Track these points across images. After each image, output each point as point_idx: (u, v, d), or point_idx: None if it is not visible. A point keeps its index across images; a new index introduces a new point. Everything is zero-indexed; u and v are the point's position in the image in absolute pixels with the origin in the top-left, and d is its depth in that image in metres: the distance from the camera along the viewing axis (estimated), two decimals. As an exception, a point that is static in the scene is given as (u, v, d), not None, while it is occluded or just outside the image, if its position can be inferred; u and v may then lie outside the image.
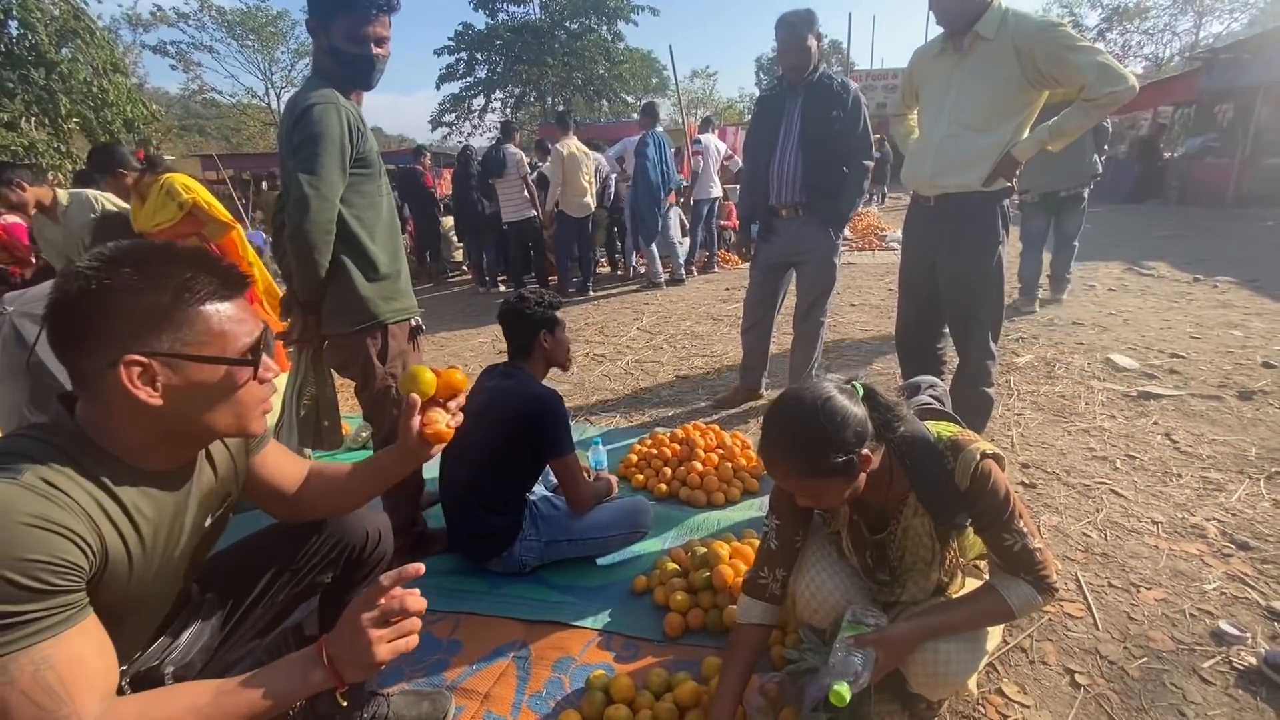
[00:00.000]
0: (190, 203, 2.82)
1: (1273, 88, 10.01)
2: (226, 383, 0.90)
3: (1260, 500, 2.16)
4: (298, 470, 1.26)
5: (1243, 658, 1.53)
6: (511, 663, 1.68)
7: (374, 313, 1.84)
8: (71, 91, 11.25)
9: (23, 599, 0.74)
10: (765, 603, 1.38)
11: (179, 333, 0.85)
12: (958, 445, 1.19)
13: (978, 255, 2.26)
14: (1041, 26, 2.06)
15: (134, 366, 0.83)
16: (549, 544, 1.98)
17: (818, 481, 1.13)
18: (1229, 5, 23.08)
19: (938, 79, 2.27)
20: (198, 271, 0.88)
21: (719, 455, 2.55)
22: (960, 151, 2.19)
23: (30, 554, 0.75)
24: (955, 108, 2.20)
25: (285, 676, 0.87)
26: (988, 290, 2.29)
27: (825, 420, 1.10)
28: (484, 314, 6.18)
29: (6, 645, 0.73)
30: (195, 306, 0.87)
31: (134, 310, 0.83)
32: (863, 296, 5.59)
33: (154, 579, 0.96)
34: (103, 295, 0.81)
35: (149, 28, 26.16)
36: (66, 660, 0.76)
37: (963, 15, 2.10)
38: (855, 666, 1.17)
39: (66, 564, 0.78)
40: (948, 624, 1.24)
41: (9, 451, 0.82)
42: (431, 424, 1.14)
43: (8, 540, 0.74)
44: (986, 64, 2.12)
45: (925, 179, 2.30)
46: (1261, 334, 3.87)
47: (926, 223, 2.39)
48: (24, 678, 0.73)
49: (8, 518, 0.75)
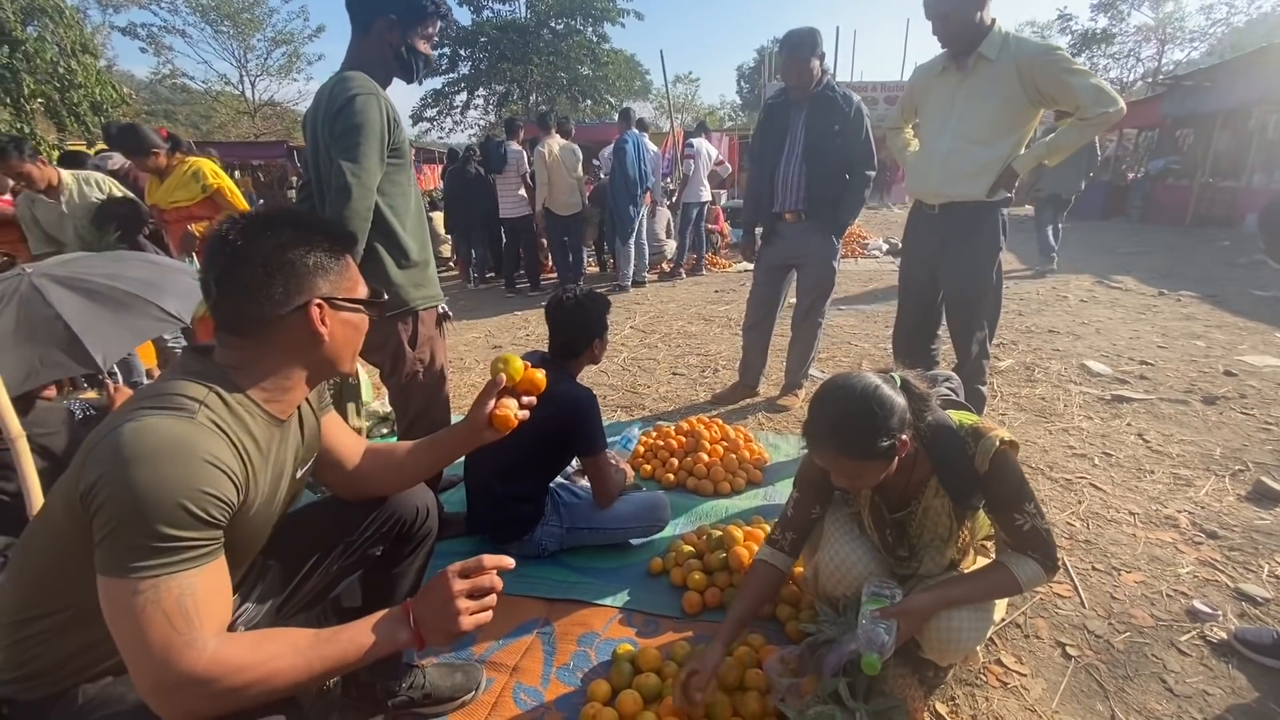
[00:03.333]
0: (214, 188, 2.83)
1: (1230, 115, 10.54)
2: (361, 321, 1.08)
3: (1225, 495, 2.34)
4: (355, 443, 1.32)
5: (1215, 632, 1.68)
6: (537, 638, 1.75)
7: (405, 299, 1.89)
8: (36, 71, 10.91)
9: (190, 526, 0.82)
10: (779, 551, 1.54)
11: (339, 281, 1.03)
12: (979, 432, 1.31)
13: (981, 260, 2.40)
14: (1042, 49, 2.20)
15: (315, 310, 0.98)
16: (570, 530, 2.04)
17: (862, 463, 1.23)
18: (1189, 35, 24.13)
19: (940, 95, 2.40)
20: (324, 233, 1.02)
21: (724, 447, 2.65)
22: (965, 164, 2.32)
23: (205, 486, 0.83)
24: (960, 123, 2.32)
25: (378, 631, 0.93)
26: (988, 292, 2.43)
27: (877, 406, 1.19)
28: (474, 309, 6.20)
29: (166, 567, 0.80)
30: (342, 260, 1.04)
31: (309, 262, 0.98)
32: (849, 301, 5.76)
33: (262, 521, 1.04)
34: (283, 250, 0.96)
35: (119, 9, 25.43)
36: (204, 591, 0.83)
37: (967, 38, 2.23)
38: (882, 637, 1.26)
39: (226, 499, 0.87)
40: (961, 596, 1.35)
41: (183, 394, 0.90)
42: (503, 409, 1.23)
43: (189, 473, 0.82)
44: (990, 83, 2.25)
45: (932, 188, 2.42)
46: (1222, 344, 4.12)
47: (930, 229, 2.51)
48: (170, 599, 0.80)
49: (191, 451, 0.83)
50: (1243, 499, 2.32)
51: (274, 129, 27.34)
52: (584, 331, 2.01)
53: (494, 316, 5.87)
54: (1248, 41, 19.64)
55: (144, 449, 0.81)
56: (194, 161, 3.02)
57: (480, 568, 0.97)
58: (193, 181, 3.13)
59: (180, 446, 0.83)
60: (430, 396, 2.03)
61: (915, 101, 2.57)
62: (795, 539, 1.54)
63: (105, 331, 1.98)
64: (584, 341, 2.02)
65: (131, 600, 0.78)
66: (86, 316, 1.98)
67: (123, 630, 0.79)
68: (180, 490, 0.81)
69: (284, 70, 28.91)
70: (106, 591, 0.80)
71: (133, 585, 0.78)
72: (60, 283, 2.09)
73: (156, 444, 0.82)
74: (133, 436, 0.82)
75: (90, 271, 2.21)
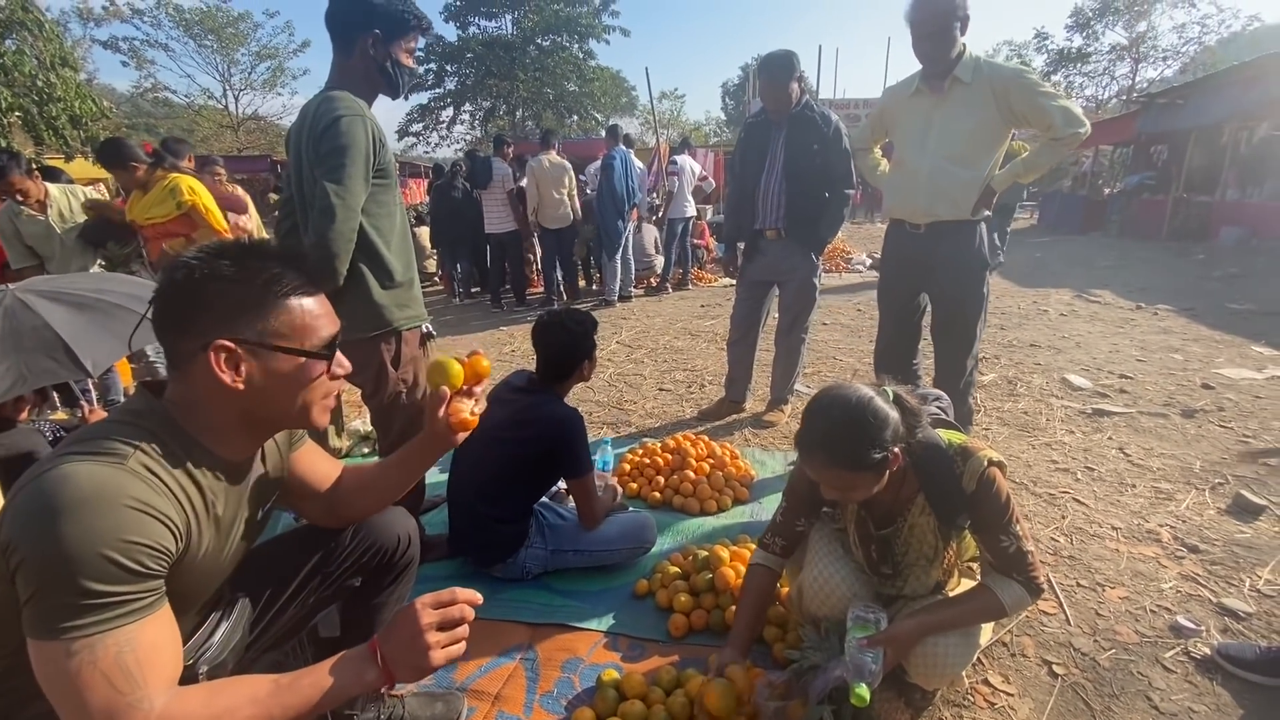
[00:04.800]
0: (189, 205, 2.80)
1: (1203, 131, 10.81)
2: (302, 373, 0.94)
3: (1206, 508, 2.36)
4: (331, 469, 1.28)
5: (1199, 648, 1.68)
6: (519, 664, 1.72)
7: (389, 319, 1.87)
8: (14, 85, 10.78)
9: (120, 579, 0.76)
10: (771, 554, 1.57)
11: (265, 323, 0.90)
12: (967, 451, 1.30)
13: (972, 276, 2.45)
14: (1015, 73, 2.28)
15: (221, 351, 0.87)
16: (554, 553, 2.01)
17: (854, 475, 1.22)
18: (1162, 53, 24.79)
19: (915, 117, 2.44)
20: (286, 267, 0.93)
21: (710, 464, 2.63)
22: (949, 183, 2.37)
23: (132, 536, 0.78)
24: (939, 143, 2.37)
25: (340, 674, 0.88)
26: (978, 306, 2.47)
27: (871, 417, 1.19)
28: (458, 324, 6.17)
29: (98, 625, 0.75)
30: (281, 299, 0.91)
31: (227, 299, 0.88)
32: (833, 316, 5.80)
33: (211, 566, 0.99)
34: (202, 283, 0.87)
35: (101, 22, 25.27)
36: (145, 645, 0.79)
37: (949, 60, 2.28)
38: (869, 666, 1.25)
39: (161, 548, 0.81)
40: (946, 620, 1.34)
41: (109, 436, 0.85)
42: (457, 413, 1.17)
43: (115, 523, 0.77)
44: (966, 105, 2.31)
45: (920, 208, 2.45)
46: (1199, 358, 4.18)
47: (915, 247, 2.53)
48: (107, 658, 0.75)
49: (115, 500, 0.78)
50: (1223, 512, 2.34)
51: (257, 143, 27.23)
52: (573, 353, 2.00)
53: (479, 332, 5.85)
54: (1220, 60, 20.26)
55: (64, 499, 0.75)
56: (173, 177, 2.99)
57: (452, 599, 0.93)
58: (169, 198, 3.11)
59: (104, 494, 0.77)
60: (413, 417, 2.00)
61: (886, 123, 2.62)
62: (785, 544, 1.56)
63: (94, 339, 1.96)
64: (573, 363, 2.01)
65: (66, 663, 0.73)
66: (75, 325, 1.96)
67: (59, 695, 0.75)
68: (104, 541, 0.75)
69: (268, 84, 28.87)
70: (37, 655, 0.75)
71: (64, 647, 0.74)
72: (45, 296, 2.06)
73: (77, 493, 0.76)
74: (52, 486, 0.76)
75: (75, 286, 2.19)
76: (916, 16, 2.24)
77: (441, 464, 2.66)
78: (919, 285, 2.59)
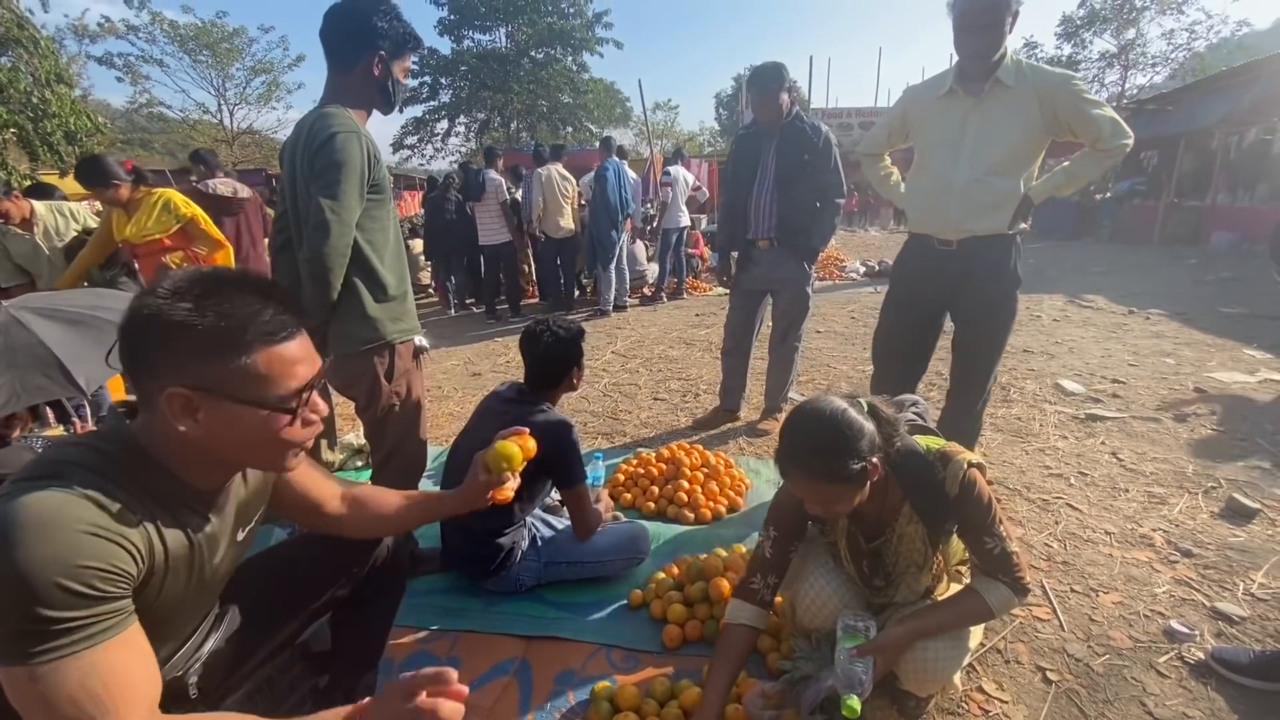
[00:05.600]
0: (188, 218, 2.81)
1: (1193, 137, 10.92)
2: (265, 425, 0.88)
3: (1199, 513, 2.37)
4: (328, 487, 1.27)
5: (1192, 653, 1.68)
6: (513, 678, 1.71)
7: (382, 333, 1.87)
8: (9, 101, 10.81)
9: (74, 605, 0.75)
10: (755, 606, 1.47)
11: (226, 369, 0.84)
12: (946, 456, 1.31)
13: (1006, 294, 2.26)
14: (1063, 78, 2.08)
15: (176, 399, 0.83)
16: (548, 565, 2.00)
17: (834, 487, 1.22)
18: (1151, 60, 25.03)
19: (948, 121, 2.20)
20: (265, 306, 0.86)
21: (704, 473, 2.63)
22: (987, 196, 2.15)
23: (84, 560, 0.76)
24: (977, 152, 2.14)
25: None
26: (1008, 327, 2.31)
27: (845, 428, 1.20)
28: (454, 336, 6.17)
29: (56, 650, 0.74)
30: (246, 344, 0.85)
31: (186, 343, 0.82)
32: (827, 324, 5.82)
33: (190, 590, 0.98)
34: (161, 325, 0.82)
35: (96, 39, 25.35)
36: (112, 668, 0.77)
37: (990, 59, 2.07)
38: (860, 676, 1.25)
39: (118, 571, 0.80)
40: (935, 625, 1.34)
41: (65, 460, 0.84)
42: (504, 493, 1.26)
43: (63, 547, 0.75)
44: (1009, 111, 2.10)
45: (953, 222, 2.22)
46: (1191, 362, 4.20)
47: (942, 265, 2.29)
48: (70, 683, 0.74)
49: (64, 525, 0.76)
50: (1215, 516, 2.34)
51: (252, 157, 27.26)
52: (561, 363, 1.99)
53: (473, 344, 5.84)
54: (1209, 66, 20.48)
55: (14, 526, 0.74)
56: (161, 192, 2.99)
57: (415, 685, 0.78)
58: (165, 213, 3.11)
59: (53, 521, 0.76)
60: (406, 430, 2.00)
61: (909, 126, 2.37)
62: (775, 582, 1.49)
63: (88, 356, 1.96)
64: (561, 373, 2.01)
65: (32, 688, 0.73)
66: (69, 342, 1.96)
67: (32, 718, 0.74)
68: (54, 569, 0.74)
69: (263, 99, 28.90)
70: (5, 679, 0.75)
71: (28, 672, 0.73)
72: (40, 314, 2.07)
73: (25, 521, 0.75)
74: (4, 514, 0.75)
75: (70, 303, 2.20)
76: (966, 6, 2.02)
77: (435, 477, 2.66)
78: (943, 305, 2.38)
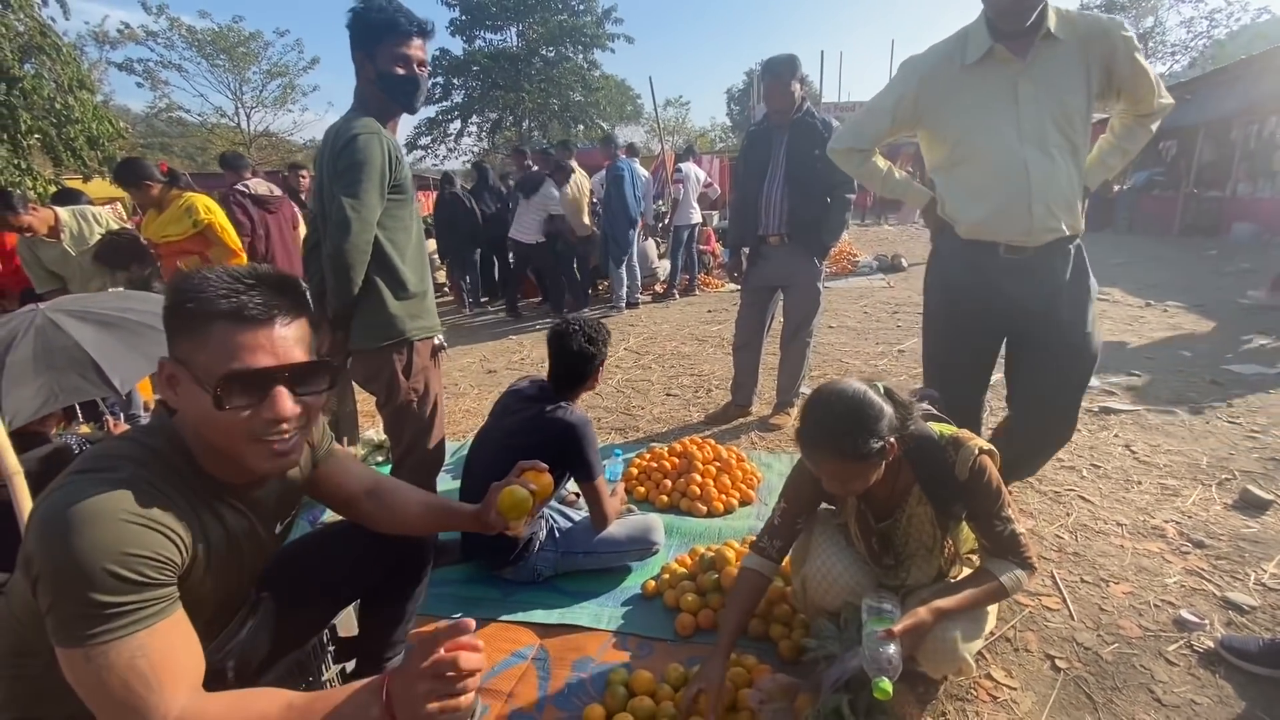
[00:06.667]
0: (205, 224, 2.89)
1: (1212, 126, 10.75)
2: (203, 405, 0.88)
3: (1212, 504, 2.37)
4: (364, 477, 1.33)
5: (1202, 642, 1.70)
6: (531, 664, 1.76)
7: (401, 329, 1.93)
8: (33, 108, 11.06)
9: (124, 590, 0.80)
10: (763, 558, 1.57)
11: (191, 343, 0.88)
12: (958, 442, 1.36)
13: (1090, 307, 1.87)
14: (1112, 24, 1.72)
15: (164, 368, 0.91)
16: (565, 555, 2.06)
17: (854, 465, 1.27)
18: (1170, 48, 24.65)
19: (987, 94, 1.77)
20: (246, 289, 0.89)
21: (716, 468, 2.67)
22: (1067, 183, 1.76)
23: (131, 548, 0.81)
24: (1038, 128, 1.73)
25: (349, 704, 0.84)
26: (1096, 347, 1.89)
27: (865, 408, 1.26)
28: (470, 335, 6.25)
29: (108, 633, 0.79)
30: (208, 320, 0.87)
31: (178, 319, 0.90)
32: (840, 319, 5.82)
33: (229, 579, 1.04)
34: (169, 305, 0.91)
35: (116, 45, 25.81)
36: (159, 649, 0.82)
37: (1038, 6, 1.66)
38: (890, 657, 1.26)
39: (163, 559, 0.85)
40: (953, 606, 1.37)
41: (113, 454, 0.90)
42: (517, 529, 1.32)
43: (111, 535, 0.81)
44: (1065, 69, 1.71)
45: (1033, 223, 1.76)
46: (1207, 355, 4.17)
47: (1011, 279, 1.83)
48: (121, 663, 0.79)
49: (112, 515, 0.82)
50: (1229, 507, 2.34)
51: (270, 159, 27.63)
52: (590, 364, 2.06)
53: (489, 341, 5.92)
54: (1229, 54, 20.08)
55: (67, 518, 0.80)
56: (189, 197, 3.10)
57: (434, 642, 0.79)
58: (185, 216, 3.21)
59: (103, 513, 0.81)
60: (424, 426, 2.06)
61: (921, 109, 1.89)
62: (781, 545, 1.58)
63: (122, 357, 2.03)
64: (587, 372, 2.08)
65: (85, 668, 0.79)
66: (103, 343, 2.03)
67: (87, 696, 0.80)
68: (105, 556, 0.79)
69: (279, 101, 29.28)
70: (63, 660, 0.81)
71: (83, 653, 0.79)
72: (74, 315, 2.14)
73: (78, 511, 0.80)
74: (57, 506, 0.81)
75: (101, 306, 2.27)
76: None
77: (454, 471, 2.72)
78: (1004, 329, 1.95)
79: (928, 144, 1.99)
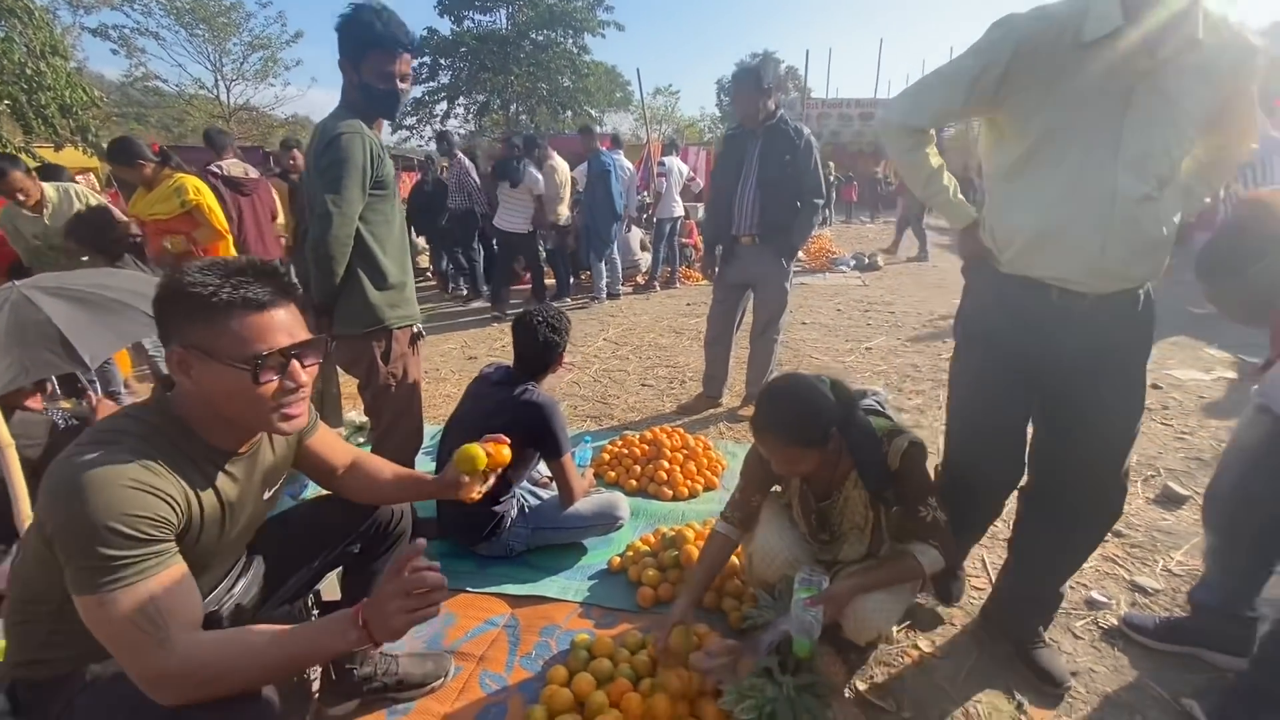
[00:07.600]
0: (193, 204, 2.96)
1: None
2: (234, 382, 1.02)
3: (1135, 498, 2.57)
4: (344, 452, 1.48)
5: (1107, 619, 1.89)
6: (503, 630, 1.91)
7: (381, 318, 2.05)
8: (3, 73, 10.78)
9: (128, 546, 0.93)
10: (730, 525, 1.78)
11: (207, 331, 1.01)
12: (892, 434, 1.55)
13: (1142, 365, 1.54)
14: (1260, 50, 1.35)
15: (175, 356, 1.02)
16: (535, 531, 2.20)
17: (799, 450, 1.47)
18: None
19: (1094, 86, 1.33)
20: (251, 280, 1.03)
21: (683, 455, 2.83)
22: (1159, 223, 1.39)
23: (131, 510, 0.94)
24: (1143, 147, 1.34)
25: (328, 632, 1.01)
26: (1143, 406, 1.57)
27: (812, 401, 1.45)
28: (452, 321, 6.32)
29: (116, 582, 0.92)
30: (222, 309, 1.00)
31: (184, 309, 1.01)
32: (813, 315, 6.00)
33: (223, 538, 1.17)
34: (171, 293, 1.02)
35: (90, 10, 25.06)
36: (165, 593, 0.95)
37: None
38: (811, 623, 1.46)
39: (160, 518, 0.98)
40: (875, 581, 1.55)
41: (116, 429, 1.03)
42: (475, 493, 1.46)
43: (114, 499, 0.93)
44: (1199, 84, 1.33)
45: (1108, 266, 1.38)
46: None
47: (1061, 326, 1.46)
48: (129, 607, 0.91)
49: (114, 482, 0.95)
50: (1150, 501, 2.55)
51: (250, 134, 27.11)
52: (552, 350, 2.20)
53: (470, 329, 6.01)
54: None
55: (74, 483, 0.93)
56: (179, 177, 3.15)
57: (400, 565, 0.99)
58: (173, 196, 3.26)
59: (108, 479, 0.93)
60: (401, 409, 2.19)
61: (1009, 87, 1.39)
62: (742, 517, 1.77)
63: (92, 333, 2.10)
64: (550, 359, 2.21)
65: (99, 612, 0.91)
66: (74, 319, 2.10)
67: (104, 637, 0.92)
68: (107, 515, 0.91)
69: (260, 75, 28.67)
70: (81, 607, 0.93)
71: (96, 599, 0.91)
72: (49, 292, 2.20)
73: (86, 479, 0.93)
74: (65, 472, 0.94)
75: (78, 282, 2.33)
76: None
77: (431, 453, 2.84)
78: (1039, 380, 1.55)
79: (997, 137, 1.52)
